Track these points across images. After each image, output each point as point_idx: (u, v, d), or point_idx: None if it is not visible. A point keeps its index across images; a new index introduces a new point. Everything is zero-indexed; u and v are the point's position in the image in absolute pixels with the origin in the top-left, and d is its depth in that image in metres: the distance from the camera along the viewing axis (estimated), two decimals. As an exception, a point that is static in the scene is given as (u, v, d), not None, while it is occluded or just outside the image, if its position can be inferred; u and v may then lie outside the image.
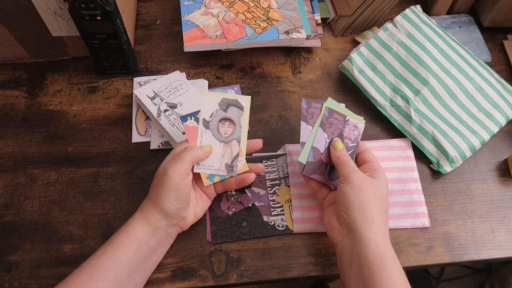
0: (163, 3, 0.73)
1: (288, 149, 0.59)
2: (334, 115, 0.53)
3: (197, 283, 0.51)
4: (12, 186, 0.57)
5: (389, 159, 0.58)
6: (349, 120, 0.53)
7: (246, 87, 0.65)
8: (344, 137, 0.53)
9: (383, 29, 0.63)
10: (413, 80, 0.60)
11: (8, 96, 0.64)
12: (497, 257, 0.53)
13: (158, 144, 0.59)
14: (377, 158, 0.52)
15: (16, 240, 0.53)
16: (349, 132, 0.53)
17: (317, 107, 0.53)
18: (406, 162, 0.58)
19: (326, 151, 0.52)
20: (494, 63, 0.68)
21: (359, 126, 0.54)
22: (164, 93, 0.61)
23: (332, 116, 0.53)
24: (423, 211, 0.55)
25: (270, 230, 0.54)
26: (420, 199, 0.56)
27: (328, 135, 0.52)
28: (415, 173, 0.58)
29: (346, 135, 0.53)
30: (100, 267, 0.45)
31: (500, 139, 0.61)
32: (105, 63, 0.63)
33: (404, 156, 0.59)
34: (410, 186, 0.57)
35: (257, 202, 0.55)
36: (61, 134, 0.61)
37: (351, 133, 0.53)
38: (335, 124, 0.52)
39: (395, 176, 0.57)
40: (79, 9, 0.53)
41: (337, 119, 0.53)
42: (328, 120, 0.52)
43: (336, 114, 0.53)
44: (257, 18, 0.65)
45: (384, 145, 0.60)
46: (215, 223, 0.54)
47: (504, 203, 0.57)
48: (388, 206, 0.50)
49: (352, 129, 0.53)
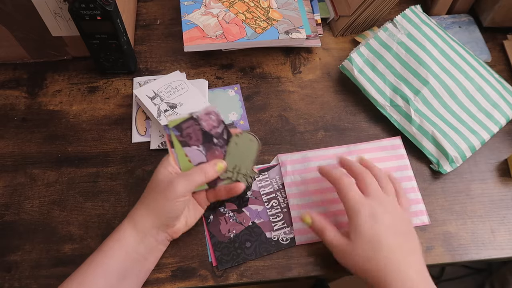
0: (163, 3, 0.73)
1: (281, 159, 0.58)
2: (183, 126, 0.49)
3: (197, 283, 0.51)
4: (12, 186, 0.57)
5: (383, 160, 0.58)
6: (197, 115, 0.49)
7: (246, 87, 0.65)
8: (210, 132, 0.49)
9: (383, 29, 0.63)
10: (413, 80, 0.60)
11: (8, 96, 0.64)
12: (497, 257, 0.53)
13: (158, 144, 0.59)
14: (354, 194, 0.47)
15: (16, 240, 0.53)
16: (208, 124, 0.50)
17: (189, 125, 0.49)
18: (399, 161, 0.58)
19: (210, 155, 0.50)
20: (494, 63, 0.68)
21: (209, 109, 0.50)
22: (164, 93, 0.61)
23: (182, 130, 0.49)
24: (421, 209, 0.55)
25: (275, 246, 0.53)
26: (417, 197, 0.56)
27: (197, 145, 0.49)
28: (409, 171, 0.58)
29: (209, 129, 0.50)
30: (90, 275, 0.44)
31: (500, 139, 0.61)
32: (105, 63, 0.63)
33: (397, 155, 0.59)
34: (406, 185, 0.57)
35: (256, 219, 0.54)
36: (61, 134, 0.61)
37: (209, 122, 0.50)
38: (192, 132, 0.49)
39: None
40: (79, 9, 0.53)
41: (188, 127, 0.49)
42: (183, 135, 0.49)
43: (182, 124, 0.49)
44: (257, 18, 0.65)
45: (376, 146, 0.59)
46: (218, 249, 0.52)
47: (504, 203, 0.57)
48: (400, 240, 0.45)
49: (207, 119, 0.50)
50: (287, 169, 0.57)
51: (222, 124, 0.50)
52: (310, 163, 0.58)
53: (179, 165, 0.49)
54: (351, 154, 0.58)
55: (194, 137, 0.49)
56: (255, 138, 0.50)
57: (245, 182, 0.51)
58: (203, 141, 0.50)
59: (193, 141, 0.49)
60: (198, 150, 0.50)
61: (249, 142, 0.51)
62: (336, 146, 0.60)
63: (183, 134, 0.49)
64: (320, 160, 0.58)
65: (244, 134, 0.50)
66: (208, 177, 0.48)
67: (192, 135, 0.49)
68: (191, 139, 0.49)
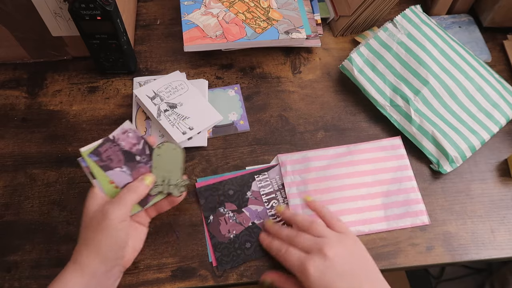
0: (163, 3, 0.73)
1: (281, 159, 0.58)
2: (100, 150, 0.48)
3: (197, 283, 0.51)
4: (12, 186, 0.57)
5: (383, 159, 0.58)
6: (114, 136, 0.48)
7: (246, 87, 0.65)
8: (131, 150, 0.49)
9: (383, 29, 0.63)
10: (413, 80, 0.60)
11: (8, 96, 0.64)
12: (497, 257, 0.53)
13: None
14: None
15: (16, 240, 0.53)
16: (128, 142, 0.49)
17: (107, 147, 0.48)
18: (400, 161, 0.58)
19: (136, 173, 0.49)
20: (494, 63, 0.68)
21: (125, 127, 0.49)
22: (164, 93, 0.61)
23: (100, 154, 0.48)
24: (421, 209, 0.55)
25: None
26: (417, 197, 0.56)
27: (120, 166, 0.48)
28: (409, 171, 0.58)
29: (129, 148, 0.49)
30: None
31: (500, 139, 0.61)
32: (105, 63, 0.63)
33: (397, 155, 0.59)
34: (406, 185, 0.57)
35: (256, 219, 0.54)
36: (61, 134, 0.61)
37: (128, 141, 0.49)
38: (111, 154, 0.48)
39: (390, 176, 0.57)
40: (79, 9, 0.53)
41: (106, 149, 0.48)
42: (103, 159, 0.48)
43: (99, 148, 0.48)
44: (257, 18, 0.65)
45: (376, 146, 0.59)
46: (218, 250, 0.52)
47: (504, 203, 0.57)
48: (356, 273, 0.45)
49: (125, 138, 0.49)
50: (287, 169, 0.57)
51: (142, 140, 0.48)
52: (310, 163, 0.58)
53: (104, 194, 0.47)
54: (351, 154, 0.58)
55: (115, 159, 0.47)
56: (177, 146, 0.50)
57: (177, 192, 0.49)
58: (126, 161, 0.48)
59: (115, 163, 0.47)
60: (122, 172, 0.48)
61: (172, 151, 0.50)
62: (336, 146, 0.60)
63: (103, 158, 0.47)
64: (320, 160, 0.58)
65: (166, 144, 0.49)
66: (139, 193, 0.46)
67: (112, 157, 0.47)
68: (113, 162, 0.47)
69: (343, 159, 0.58)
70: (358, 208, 0.55)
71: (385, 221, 0.54)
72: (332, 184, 0.56)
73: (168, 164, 0.49)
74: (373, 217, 0.55)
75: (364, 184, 0.56)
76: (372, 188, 0.56)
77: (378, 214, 0.55)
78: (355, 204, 0.55)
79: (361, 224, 0.54)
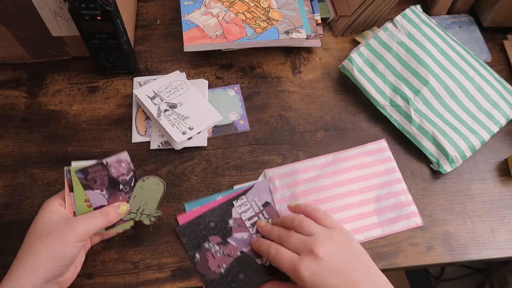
0: (163, 3, 0.73)
1: (268, 174, 0.57)
2: (89, 170, 0.48)
3: (197, 283, 0.51)
4: (12, 186, 0.57)
5: (370, 165, 0.58)
6: (108, 161, 0.48)
7: (246, 87, 0.65)
8: (118, 179, 0.49)
9: (383, 29, 0.63)
10: (413, 80, 0.60)
11: (8, 96, 0.64)
12: (497, 257, 0.53)
13: (158, 144, 0.59)
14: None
15: (16, 240, 0.53)
16: (118, 171, 0.49)
17: (96, 169, 0.48)
18: (386, 164, 0.58)
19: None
20: (494, 63, 0.68)
21: (121, 157, 0.49)
22: (164, 93, 0.61)
23: (87, 174, 0.48)
24: (413, 211, 0.55)
25: (268, 271, 0.50)
26: (407, 199, 0.56)
27: (101, 189, 0.48)
28: (397, 173, 0.57)
29: (117, 176, 0.49)
30: None
31: (500, 139, 0.61)
32: (105, 63, 0.63)
33: (383, 158, 0.58)
34: (396, 188, 0.56)
35: (244, 247, 0.52)
36: (61, 134, 0.61)
37: (119, 170, 0.49)
38: (97, 176, 0.48)
39: (379, 181, 0.57)
40: (79, 9, 0.53)
41: (95, 171, 0.48)
42: (88, 178, 0.48)
43: (89, 168, 0.48)
44: (257, 18, 0.65)
45: (361, 151, 0.59)
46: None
47: (504, 203, 0.57)
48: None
49: (117, 166, 0.49)
50: (276, 184, 0.56)
51: (131, 173, 0.49)
52: (298, 175, 0.57)
53: (74, 209, 0.48)
54: (338, 162, 0.58)
55: (99, 181, 0.48)
56: (161, 182, 0.50)
57: (148, 221, 0.50)
58: (108, 186, 0.49)
59: (97, 186, 0.48)
60: (101, 194, 0.48)
61: (155, 186, 0.50)
62: (322, 155, 0.59)
63: (88, 178, 0.48)
64: (308, 171, 0.57)
65: (150, 178, 0.50)
66: (109, 220, 0.46)
67: (97, 179, 0.48)
68: (96, 183, 0.48)
69: (330, 168, 0.57)
70: (351, 217, 0.54)
71: (379, 227, 0.54)
72: (323, 195, 0.55)
73: (147, 196, 0.50)
74: (367, 224, 0.54)
75: (354, 191, 0.56)
76: (363, 195, 0.56)
77: (372, 220, 0.54)
78: (347, 213, 0.54)
79: (356, 232, 0.53)
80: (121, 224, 0.49)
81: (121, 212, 0.48)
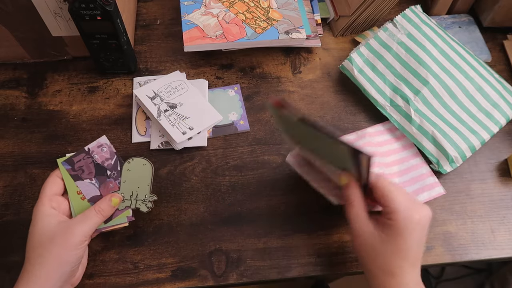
0: (163, 3, 0.73)
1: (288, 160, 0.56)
2: (74, 159, 0.50)
3: (197, 283, 0.51)
4: (12, 186, 0.57)
5: (389, 142, 0.59)
6: (89, 148, 0.50)
7: (246, 87, 0.65)
8: (103, 165, 0.49)
9: (383, 29, 0.63)
10: (413, 80, 0.60)
11: (8, 96, 0.64)
12: (497, 257, 0.53)
13: (158, 144, 0.59)
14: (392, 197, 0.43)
15: (16, 240, 0.53)
16: (101, 156, 0.50)
17: (80, 158, 0.49)
18: (402, 141, 0.59)
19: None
20: (494, 63, 0.68)
21: (101, 141, 0.50)
22: (164, 93, 0.61)
23: (73, 164, 0.49)
24: (435, 181, 0.56)
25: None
26: (427, 171, 0.57)
27: (90, 178, 0.49)
28: (414, 149, 0.59)
29: (101, 161, 0.50)
30: None
31: (500, 139, 0.61)
32: (105, 63, 0.63)
33: (396, 137, 0.60)
34: (416, 161, 0.58)
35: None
36: (61, 134, 0.61)
37: (102, 155, 0.50)
38: (83, 165, 0.49)
39: (397, 158, 0.58)
40: (79, 9, 0.53)
41: (80, 160, 0.49)
42: (75, 168, 0.49)
43: (73, 157, 0.50)
44: (257, 18, 0.65)
45: (382, 129, 0.60)
46: None
47: (504, 203, 0.57)
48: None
49: (99, 151, 0.50)
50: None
51: (115, 156, 0.50)
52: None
53: (72, 206, 0.48)
54: (363, 137, 0.59)
55: (86, 170, 0.49)
56: (147, 162, 0.51)
57: (145, 208, 0.50)
58: (96, 173, 0.50)
59: (85, 175, 0.49)
60: (91, 184, 0.49)
61: (142, 167, 0.51)
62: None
63: (75, 168, 0.49)
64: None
65: (136, 159, 0.51)
66: (104, 215, 0.47)
67: (84, 168, 0.49)
68: (83, 173, 0.49)
69: (358, 143, 0.58)
70: None
71: None
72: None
73: (137, 179, 0.51)
74: None
75: (381, 164, 0.57)
76: (386, 169, 0.57)
77: None
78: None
79: None
80: (119, 214, 0.50)
81: (114, 204, 0.48)
